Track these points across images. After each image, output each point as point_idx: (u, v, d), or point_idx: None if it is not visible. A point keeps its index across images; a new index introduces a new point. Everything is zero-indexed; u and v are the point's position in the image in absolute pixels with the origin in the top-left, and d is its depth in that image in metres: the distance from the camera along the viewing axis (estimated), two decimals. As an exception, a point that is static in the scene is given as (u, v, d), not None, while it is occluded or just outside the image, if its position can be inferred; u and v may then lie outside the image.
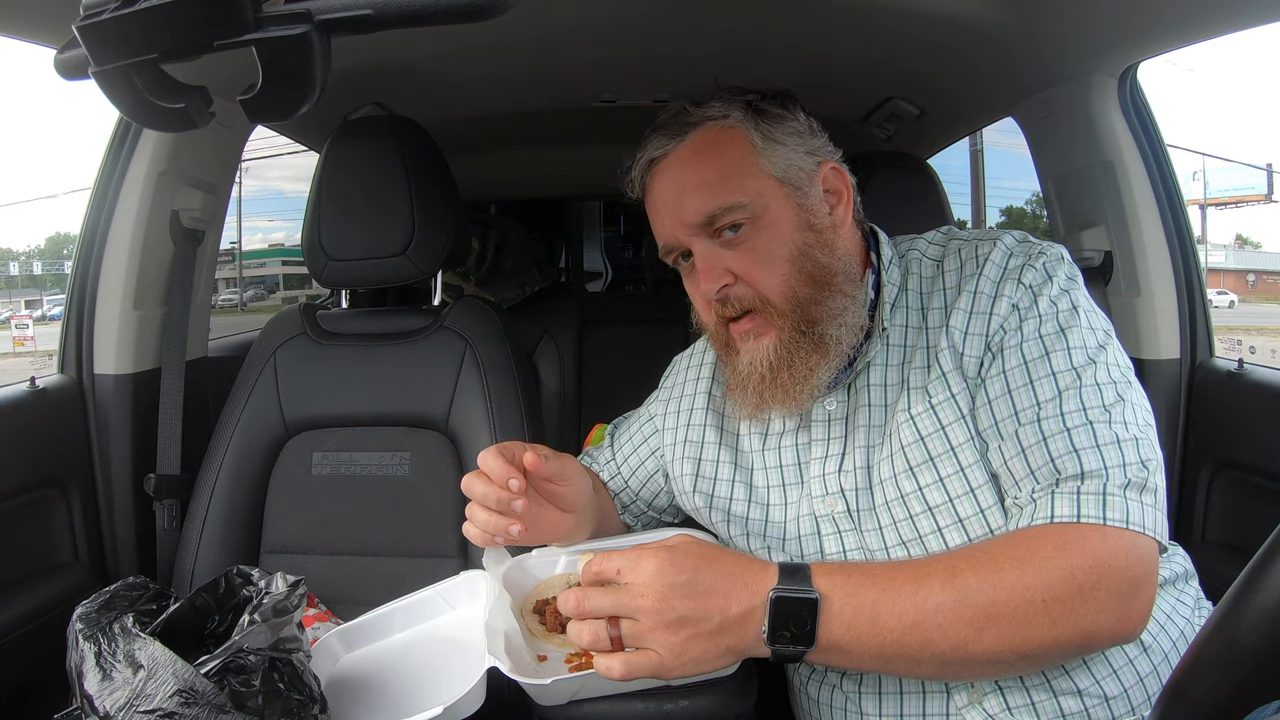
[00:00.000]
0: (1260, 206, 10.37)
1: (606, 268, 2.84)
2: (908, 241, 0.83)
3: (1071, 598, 0.59)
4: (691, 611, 0.61)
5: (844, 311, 0.75)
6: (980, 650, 0.60)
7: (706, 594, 0.61)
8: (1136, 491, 0.62)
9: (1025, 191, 3.97)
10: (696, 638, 0.61)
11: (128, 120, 1.16)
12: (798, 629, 0.61)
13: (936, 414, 0.72)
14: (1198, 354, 1.22)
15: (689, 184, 0.77)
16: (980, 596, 0.60)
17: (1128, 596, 0.60)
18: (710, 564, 0.63)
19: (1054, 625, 0.59)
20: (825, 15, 1.08)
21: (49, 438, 1.10)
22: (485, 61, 1.25)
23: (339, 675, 0.78)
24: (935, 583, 0.61)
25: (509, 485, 0.72)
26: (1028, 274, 0.71)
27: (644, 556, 0.63)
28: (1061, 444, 0.64)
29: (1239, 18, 0.93)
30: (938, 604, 0.60)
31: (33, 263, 11.15)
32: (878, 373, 0.77)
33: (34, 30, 0.89)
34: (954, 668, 0.63)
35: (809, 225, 0.76)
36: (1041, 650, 0.60)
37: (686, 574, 0.61)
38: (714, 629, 0.61)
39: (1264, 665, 0.33)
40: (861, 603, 0.61)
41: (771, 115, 0.78)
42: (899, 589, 0.61)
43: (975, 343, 0.72)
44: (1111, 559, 0.60)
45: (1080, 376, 0.66)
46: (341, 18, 0.39)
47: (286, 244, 6.60)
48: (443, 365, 1.11)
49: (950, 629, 0.59)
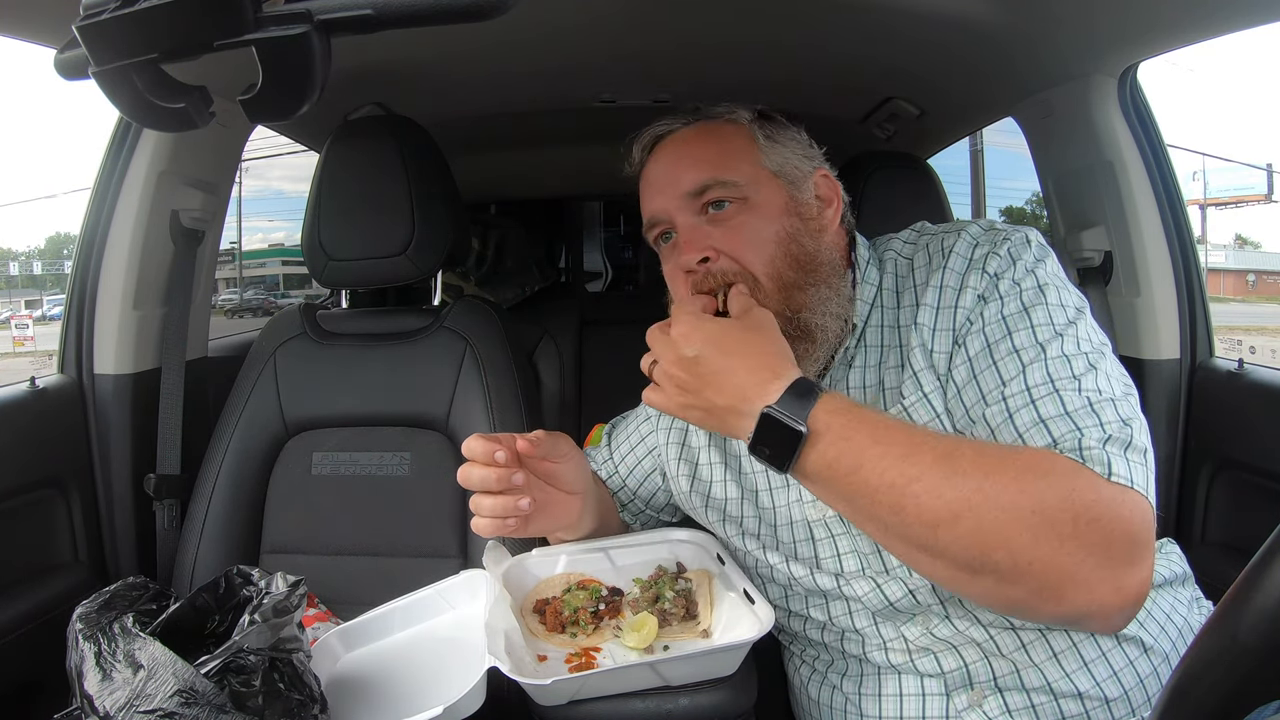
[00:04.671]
0: (1260, 206, 10.38)
1: (606, 268, 2.83)
2: (884, 242, 0.83)
3: (1063, 522, 0.54)
4: (701, 384, 0.65)
5: (828, 301, 0.75)
6: (950, 538, 0.56)
7: (719, 377, 0.64)
8: (1119, 447, 0.58)
9: (1025, 191, 3.96)
10: (691, 407, 0.67)
11: (128, 120, 1.16)
12: (776, 452, 0.61)
13: (909, 415, 0.71)
14: (1198, 354, 1.22)
15: (688, 158, 0.79)
16: (968, 481, 0.56)
17: (1122, 554, 0.55)
18: (742, 351, 0.65)
19: (1034, 541, 0.54)
20: (825, 15, 1.08)
21: (49, 438, 1.10)
22: (485, 61, 1.25)
23: (339, 675, 0.78)
24: (928, 454, 0.58)
25: (495, 459, 0.72)
26: (992, 262, 0.70)
27: (703, 323, 0.67)
28: (1028, 416, 0.62)
29: (1239, 18, 0.93)
30: (921, 473, 0.57)
31: (33, 263, 11.15)
32: (856, 374, 0.77)
33: (34, 30, 0.89)
34: (916, 550, 0.59)
35: (798, 214, 0.77)
36: (1011, 567, 0.55)
37: (696, 348, 0.65)
38: (706, 406, 0.65)
39: (1264, 665, 0.33)
40: (847, 448, 0.59)
41: (776, 122, 0.82)
42: (891, 445, 0.58)
43: (943, 338, 0.71)
44: (1114, 504, 0.55)
45: (1045, 350, 0.64)
46: (341, 18, 0.39)
47: (286, 244, 6.60)
48: (443, 365, 1.11)
49: (926, 504, 0.56)
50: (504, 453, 0.72)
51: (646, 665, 0.68)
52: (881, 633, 0.74)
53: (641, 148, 0.83)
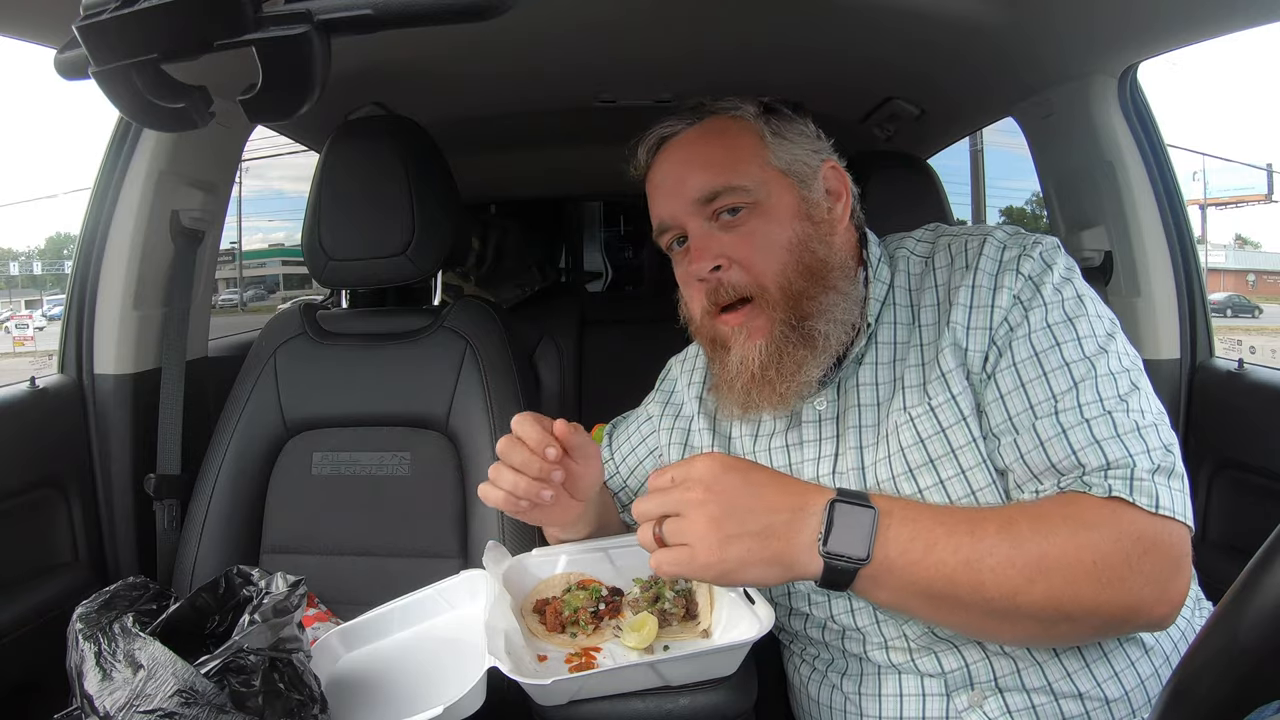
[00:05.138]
0: (1260, 206, 10.36)
1: (606, 268, 2.83)
2: (896, 240, 0.83)
3: (1119, 564, 0.59)
4: (740, 507, 0.58)
5: (835, 307, 0.75)
6: (1028, 602, 0.59)
7: (757, 492, 0.59)
8: (1165, 476, 0.62)
9: (1025, 191, 3.96)
10: (739, 537, 0.58)
11: (128, 120, 1.16)
12: (854, 540, 0.59)
13: (937, 416, 0.71)
14: (1198, 354, 1.22)
15: (695, 161, 0.78)
16: (1033, 547, 0.59)
17: (1169, 574, 0.60)
18: (765, 469, 0.63)
19: (1100, 588, 0.58)
20: (825, 15, 1.08)
21: (49, 438, 1.10)
22: (485, 61, 1.25)
23: (339, 675, 0.78)
24: (991, 526, 0.60)
25: (546, 454, 0.71)
26: (1025, 264, 0.71)
27: (697, 458, 0.63)
28: (1082, 435, 0.64)
29: (1239, 18, 0.93)
30: (992, 547, 0.59)
31: (33, 263, 11.15)
32: (867, 371, 0.77)
33: (34, 30, 0.89)
34: (997, 620, 0.61)
35: (809, 217, 0.77)
36: (1084, 614, 0.59)
37: (739, 473, 0.60)
38: (760, 530, 0.58)
39: (1264, 665, 0.33)
40: (918, 529, 0.60)
41: (782, 115, 0.80)
42: (955, 525, 0.61)
43: (978, 337, 0.71)
44: (1156, 535, 0.60)
45: (1094, 366, 0.66)
46: (341, 18, 0.39)
47: (286, 244, 6.59)
48: (443, 365, 1.11)
49: (1002, 575, 0.59)
50: (555, 450, 0.72)
51: (646, 665, 0.68)
52: (883, 631, 0.74)
53: (646, 150, 0.82)
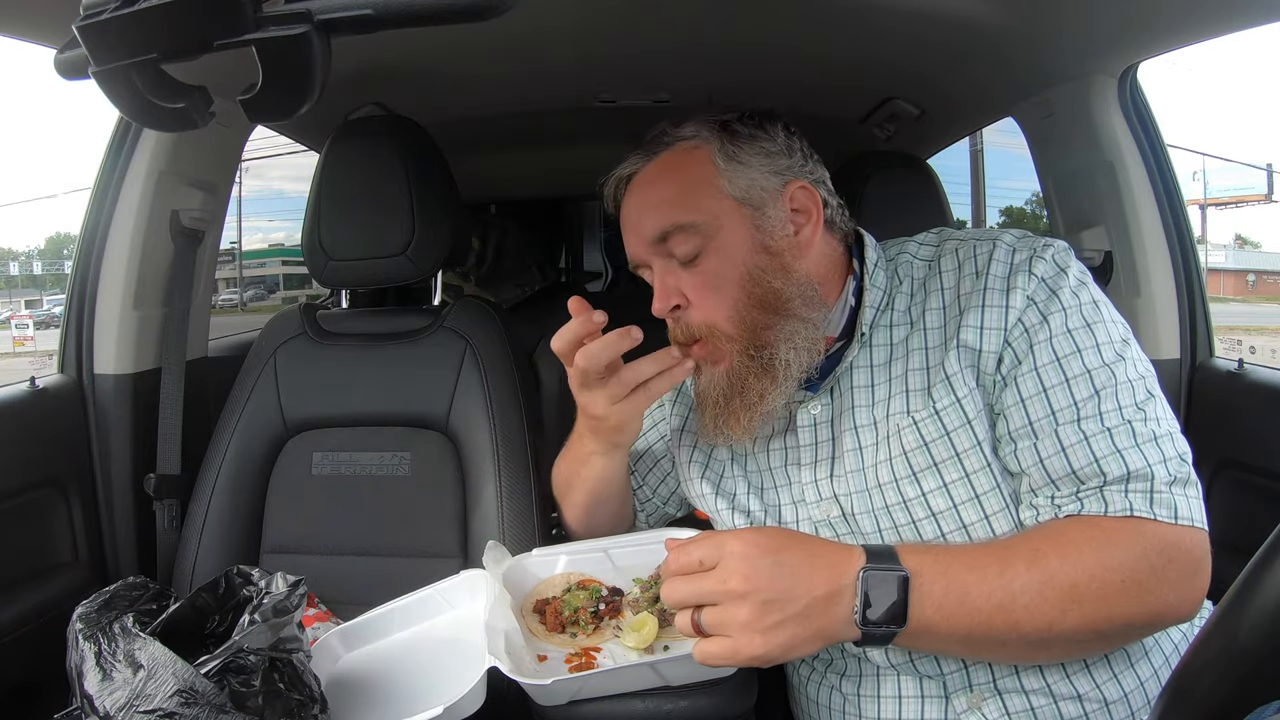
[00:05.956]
0: (1260, 206, 10.37)
1: (606, 268, 2.83)
2: (898, 244, 0.83)
3: (1147, 578, 0.61)
4: (779, 594, 0.59)
5: (796, 334, 0.74)
6: (1063, 630, 0.61)
7: (793, 575, 0.60)
8: (1181, 486, 0.64)
9: (1025, 191, 3.96)
10: (782, 625, 0.59)
11: (128, 120, 1.16)
12: (890, 608, 0.60)
13: (941, 419, 0.71)
14: (1198, 354, 1.22)
15: (648, 202, 0.79)
16: (1063, 578, 0.60)
17: (1192, 576, 0.63)
18: (794, 545, 0.62)
19: (1131, 604, 0.61)
20: (825, 15, 1.08)
21: (49, 438, 1.10)
22: (485, 61, 1.25)
23: (339, 675, 0.78)
24: (1020, 564, 0.61)
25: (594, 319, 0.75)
26: (1038, 265, 0.71)
27: (726, 541, 0.62)
28: (1104, 444, 0.65)
29: (1239, 18, 0.93)
30: (1024, 585, 0.60)
31: (33, 263, 11.15)
32: (862, 374, 0.77)
33: (34, 30, 0.89)
34: (1035, 649, 0.64)
35: (764, 248, 0.76)
36: (1118, 629, 0.62)
37: (771, 556, 0.60)
38: (800, 611, 0.59)
39: (1264, 665, 0.33)
40: (950, 582, 0.61)
41: (741, 136, 0.78)
42: (985, 569, 0.61)
43: (992, 337, 0.71)
44: (1178, 542, 0.62)
45: (1114, 374, 0.67)
46: (341, 18, 0.39)
47: (286, 244, 6.59)
48: (443, 365, 1.11)
49: (1036, 610, 0.60)
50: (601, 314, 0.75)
51: (646, 665, 0.68)
52: (883, 631, 0.74)
53: (611, 190, 0.83)
